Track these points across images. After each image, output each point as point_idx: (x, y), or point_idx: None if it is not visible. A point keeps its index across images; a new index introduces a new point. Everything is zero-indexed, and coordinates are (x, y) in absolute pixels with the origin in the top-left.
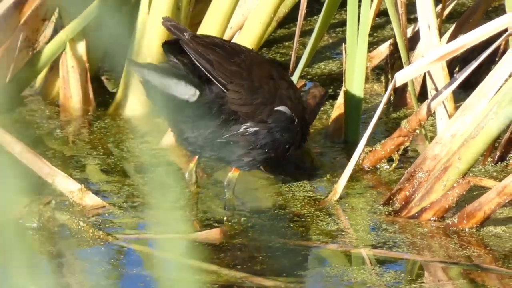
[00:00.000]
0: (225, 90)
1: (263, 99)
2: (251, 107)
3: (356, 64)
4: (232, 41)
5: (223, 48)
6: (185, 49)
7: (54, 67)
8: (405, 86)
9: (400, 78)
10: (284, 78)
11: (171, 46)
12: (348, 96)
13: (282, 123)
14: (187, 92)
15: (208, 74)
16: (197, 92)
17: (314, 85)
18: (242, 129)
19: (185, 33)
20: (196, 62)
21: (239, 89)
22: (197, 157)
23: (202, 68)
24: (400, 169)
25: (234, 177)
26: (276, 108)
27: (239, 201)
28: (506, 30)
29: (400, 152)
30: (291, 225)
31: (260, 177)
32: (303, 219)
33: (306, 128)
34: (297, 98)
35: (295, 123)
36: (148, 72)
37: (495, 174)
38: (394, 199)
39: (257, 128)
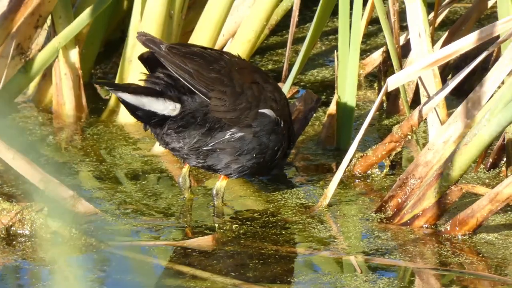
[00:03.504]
0: (207, 99)
1: (247, 104)
2: (235, 112)
3: (348, 71)
4: (225, 48)
5: (201, 57)
6: (163, 62)
7: (47, 74)
8: (398, 93)
9: (391, 83)
10: (269, 82)
11: (150, 60)
12: (341, 103)
13: (267, 126)
14: (167, 107)
15: (188, 85)
16: (177, 106)
17: (306, 92)
18: (227, 136)
19: (161, 46)
20: (175, 74)
21: (221, 96)
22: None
23: (181, 79)
24: (392, 176)
25: (222, 186)
26: (260, 111)
27: (231, 208)
28: (498, 37)
29: (391, 158)
30: (283, 232)
31: (252, 184)
32: (295, 226)
33: (293, 132)
34: (282, 100)
35: (281, 125)
36: (124, 93)
37: (487, 181)
38: (387, 206)
39: (243, 133)
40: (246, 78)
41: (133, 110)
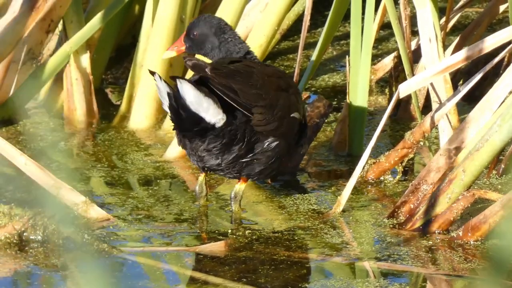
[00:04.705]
0: (249, 115)
1: (282, 112)
2: (274, 123)
3: (360, 76)
4: None
5: (239, 73)
6: (212, 86)
7: (58, 79)
8: (409, 98)
9: (403, 90)
10: (290, 85)
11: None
12: (352, 109)
13: (295, 129)
14: (217, 115)
15: (233, 104)
16: (225, 117)
17: (318, 98)
18: (265, 146)
19: (206, 69)
20: (223, 95)
21: (262, 110)
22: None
23: (228, 99)
24: (404, 182)
25: (241, 189)
26: (291, 116)
27: (244, 214)
28: (510, 42)
29: (404, 164)
30: (296, 238)
31: (265, 190)
32: (307, 231)
33: (307, 132)
34: (302, 102)
35: (303, 125)
36: (189, 87)
37: (499, 186)
38: (399, 211)
39: (278, 142)
40: (274, 86)
41: (182, 110)
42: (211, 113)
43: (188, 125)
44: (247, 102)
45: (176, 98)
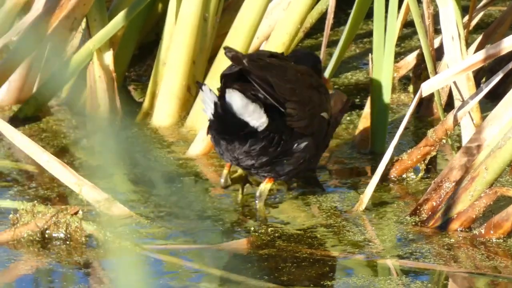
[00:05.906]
0: (283, 109)
1: (314, 110)
2: (306, 120)
3: (383, 74)
4: None
5: (274, 67)
6: (250, 79)
7: (81, 77)
8: (431, 96)
9: (426, 88)
10: (320, 83)
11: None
12: (375, 107)
13: (324, 129)
14: (261, 118)
15: (268, 97)
16: (267, 120)
17: (336, 93)
18: (295, 146)
19: (243, 60)
20: (259, 87)
21: (295, 105)
22: (230, 163)
23: (264, 92)
24: (427, 179)
25: (266, 189)
26: (320, 115)
27: (267, 211)
28: None
29: (426, 161)
30: (318, 236)
31: (287, 188)
32: (330, 229)
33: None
34: (329, 101)
35: (329, 125)
36: (236, 93)
37: None
38: (421, 209)
39: (307, 142)
40: (307, 83)
41: (229, 117)
42: (256, 117)
43: (232, 129)
44: (282, 96)
45: (223, 106)
